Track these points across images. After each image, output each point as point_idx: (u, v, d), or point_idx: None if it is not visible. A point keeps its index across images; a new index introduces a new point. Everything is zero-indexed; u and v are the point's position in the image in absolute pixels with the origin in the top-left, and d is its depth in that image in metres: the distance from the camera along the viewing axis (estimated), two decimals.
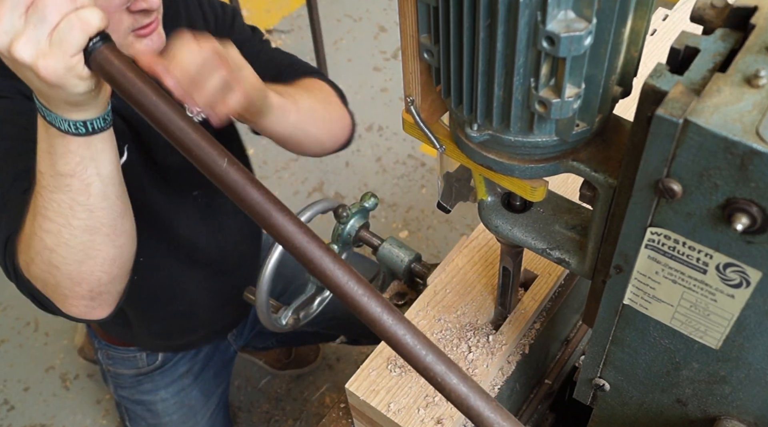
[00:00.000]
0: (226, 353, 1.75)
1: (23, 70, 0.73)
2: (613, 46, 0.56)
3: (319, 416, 2.15)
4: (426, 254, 2.53)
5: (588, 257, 0.74)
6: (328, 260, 0.61)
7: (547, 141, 0.63)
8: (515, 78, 0.57)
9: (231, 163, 0.62)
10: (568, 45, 0.52)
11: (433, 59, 0.65)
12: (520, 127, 0.63)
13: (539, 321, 1.04)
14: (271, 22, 3.48)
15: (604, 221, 0.68)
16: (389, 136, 2.93)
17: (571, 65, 0.55)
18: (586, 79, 0.57)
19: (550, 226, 0.79)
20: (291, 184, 2.78)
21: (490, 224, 0.81)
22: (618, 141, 0.66)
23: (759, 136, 0.47)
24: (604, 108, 0.61)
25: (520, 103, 0.60)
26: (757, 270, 0.55)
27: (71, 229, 0.88)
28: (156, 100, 0.65)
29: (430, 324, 1.01)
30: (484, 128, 0.64)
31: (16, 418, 2.22)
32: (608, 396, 0.82)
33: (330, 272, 0.61)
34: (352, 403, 1.00)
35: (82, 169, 0.83)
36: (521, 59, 0.56)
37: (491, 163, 0.68)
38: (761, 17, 0.54)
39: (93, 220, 0.88)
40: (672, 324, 0.66)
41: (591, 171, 0.65)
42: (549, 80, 0.57)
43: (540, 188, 0.69)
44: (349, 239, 1.24)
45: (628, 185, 0.59)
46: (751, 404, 0.70)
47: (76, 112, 0.79)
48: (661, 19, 1.48)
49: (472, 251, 1.10)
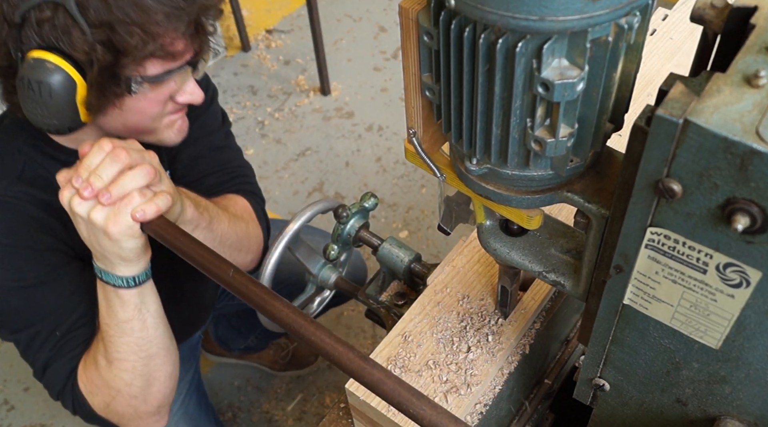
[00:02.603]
0: (192, 339, 1.75)
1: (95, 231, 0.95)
2: (604, 90, 0.59)
3: (319, 416, 2.15)
4: (426, 254, 2.53)
5: (582, 281, 0.77)
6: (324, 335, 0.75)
7: (543, 175, 0.67)
8: (512, 119, 0.60)
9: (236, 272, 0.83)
10: (562, 91, 0.55)
11: (434, 97, 0.68)
12: (517, 163, 0.66)
13: (539, 321, 1.04)
14: (271, 22, 3.48)
15: (598, 248, 0.70)
16: (389, 136, 2.93)
17: (564, 108, 0.58)
18: (579, 119, 0.60)
19: (546, 249, 0.82)
20: (291, 185, 2.78)
21: (489, 246, 0.84)
22: (610, 173, 0.69)
23: (759, 136, 0.47)
24: (596, 144, 0.65)
25: (516, 141, 0.63)
26: (757, 270, 0.55)
27: (140, 361, 1.09)
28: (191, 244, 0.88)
29: (430, 324, 1.01)
30: (482, 162, 0.68)
31: (16, 418, 2.22)
32: (608, 396, 0.82)
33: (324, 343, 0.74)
34: (351, 403, 1.00)
35: (138, 313, 1.05)
36: (518, 102, 0.59)
37: (490, 193, 0.71)
38: (761, 17, 0.54)
39: (153, 348, 1.10)
40: (672, 324, 0.66)
41: (584, 202, 0.68)
42: (544, 121, 0.61)
43: (536, 217, 0.73)
44: (348, 239, 1.24)
45: (626, 189, 0.59)
46: (751, 404, 0.70)
47: (127, 269, 1.01)
48: (660, 19, 1.48)
49: (472, 251, 1.10)
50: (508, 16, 0.52)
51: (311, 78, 3.17)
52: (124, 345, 1.07)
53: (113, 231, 0.93)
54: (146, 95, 1.04)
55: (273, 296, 0.80)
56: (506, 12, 0.52)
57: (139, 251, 0.99)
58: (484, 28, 0.56)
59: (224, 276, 0.83)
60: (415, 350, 0.99)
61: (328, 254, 1.24)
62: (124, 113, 1.05)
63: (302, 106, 3.07)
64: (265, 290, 0.81)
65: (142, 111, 1.06)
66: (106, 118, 1.06)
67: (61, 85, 0.95)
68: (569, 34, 0.53)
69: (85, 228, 0.96)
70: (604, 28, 0.54)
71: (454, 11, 0.57)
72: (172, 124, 1.14)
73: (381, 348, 1.00)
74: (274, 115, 3.05)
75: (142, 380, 1.11)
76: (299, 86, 3.16)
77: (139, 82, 1.01)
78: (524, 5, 0.51)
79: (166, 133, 1.14)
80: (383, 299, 1.22)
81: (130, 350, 1.08)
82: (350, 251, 1.32)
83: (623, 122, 0.66)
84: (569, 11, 0.51)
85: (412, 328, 1.01)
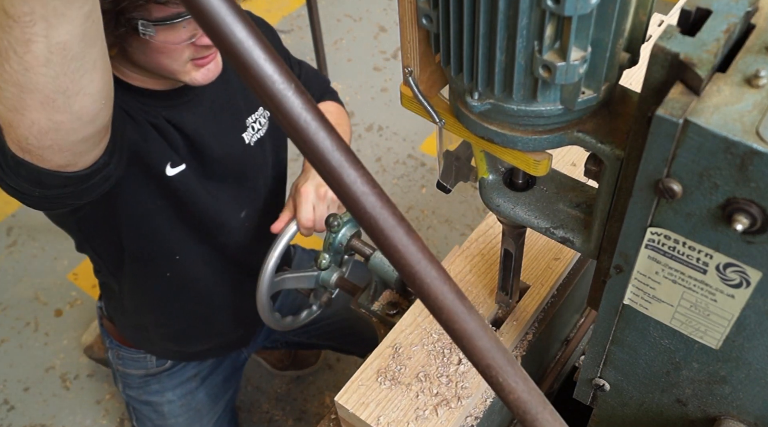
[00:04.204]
0: (237, 359, 1.76)
1: None
2: (621, 7, 0.53)
3: (319, 416, 2.15)
4: None
5: (593, 236, 0.72)
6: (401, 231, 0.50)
7: (552, 110, 0.60)
8: (518, 41, 0.54)
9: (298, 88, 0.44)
10: (575, 2, 0.49)
11: (431, 25, 0.61)
12: (522, 95, 0.59)
13: (531, 332, 1.03)
14: (271, 22, 3.48)
15: (611, 196, 0.65)
16: (389, 136, 2.93)
17: (577, 26, 0.52)
18: (592, 42, 0.54)
19: (554, 204, 0.77)
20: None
21: (492, 202, 0.78)
22: (625, 112, 0.63)
23: (759, 136, 0.47)
24: (610, 75, 0.59)
25: (523, 68, 0.57)
26: (757, 270, 0.55)
27: (2, 73, 0.79)
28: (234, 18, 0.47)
29: (421, 335, 1.00)
30: (485, 97, 0.62)
31: (16, 418, 2.22)
32: (608, 396, 0.82)
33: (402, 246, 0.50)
34: (341, 415, 0.99)
35: (29, 21, 0.74)
36: (524, 20, 0.53)
37: (493, 135, 0.65)
38: (761, 17, 0.54)
39: (26, 79, 0.79)
40: (672, 324, 0.66)
41: (597, 142, 0.63)
42: (554, 43, 0.54)
43: (543, 162, 0.66)
44: (340, 248, 1.23)
45: (628, 185, 0.58)
46: (751, 404, 0.70)
47: None
48: (656, 24, 1.48)
49: (465, 260, 1.09)
50: None
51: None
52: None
53: None
54: (156, 38, 1.05)
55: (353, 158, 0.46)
56: None
57: None
58: None
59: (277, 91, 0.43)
60: (405, 362, 0.98)
61: (319, 264, 1.24)
62: (138, 53, 1.08)
63: None
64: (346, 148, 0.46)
65: (157, 52, 1.08)
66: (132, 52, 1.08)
67: None
68: None
69: None
70: None
71: None
72: (198, 67, 1.14)
73: (371, 360, 0.99)
74: None
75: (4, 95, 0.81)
76: None
77: (146, 26, 1.01)
78: None
79: (191, 76, 1.14)
80: (375, 308, 1.21)
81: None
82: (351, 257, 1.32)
83: (639, 54, 0.60)
84: None
85: (403, 339, 1.00)
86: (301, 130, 0.45)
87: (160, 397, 1.65)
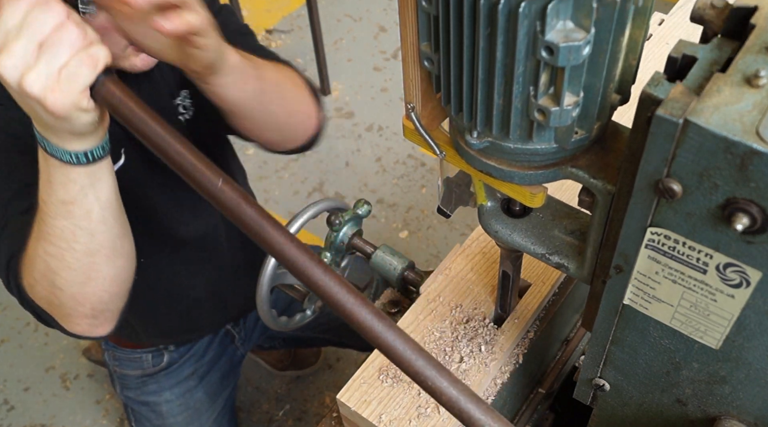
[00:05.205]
0: (234, 356, 1.75)
1: (30, 103, 0.74)
2: (611, 55, 0.56)
3: (319, 416, 2.15)
4: (426, 254, 2.53)
5: (587, 262, 0.75)
6: (319, 270, 0.63)
7: (546, 148, 0.64)
8: (515, 86, 0.58)
9: (225, 182, 0.65)
10: (567, 55, 0.52)
11: (433, 67, 0.65)
12: (519, 135, 0.63)
13: (533, 330, 1.03)
14: (271, 22, 3.48)
15: (603, 227, 0.68)
16: (389, 136, 2.93)
17: (569, 74, 0.55)
18: (584, 87, 0.58)
19: (549, 231, 0.80)
20: (291, 184, 2.78)
21: (490, 228, 0.82)
22: (616, 148, 0.66)
23: (759, 136, 0.47)
24: (602, 115, 0.62)
25: (519, 111, 0.60)
26: (757, 270, 0.55)
27: (73, 252, 0.90)
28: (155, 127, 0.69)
29: (422, 334, 1.00)
30: (483, 136, 0.65)
31: (16, 418, 2.22)
32: (608, 396, 0.82)
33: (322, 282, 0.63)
34: (343, 413, 0.99)
35: (83, 196, 0.85)
36: (521, 68, 0.56)
37: (491, 169, 0.68)
38: (761, 17, 0.54)
39: (94, 243, 0.90)
40: (672, 324, 0.66)
41: (590, 178, 0.66)
42: (548, 89, 0.58)
43: (539, 195, 0.70)
44: (342, 246, 1.23)
45: (627, 188, 0.59)
46: (751, 404, 0.70)
47: (77, 143, 0.80)
48: (657, 23, 1.48)
49: (466, 259, 1.09)
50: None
51: (311, 78, 3.17)
52: (57, 229, 0.88)
53: (55, 108, 0.72)
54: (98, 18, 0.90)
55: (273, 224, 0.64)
56: None
57: (94, 123, 0.79)
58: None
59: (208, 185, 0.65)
60: None
61: None
62: None
63: None
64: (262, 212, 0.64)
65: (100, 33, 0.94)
66: None
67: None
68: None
69: (18, 99, 0.76)
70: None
71: None
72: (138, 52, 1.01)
73: (373, 358, 0.98)
74: None
75: (71, 274, 0.92)
76: None
77: (87, 3, 0.87)
78: None
79: (131, 61, 1.02)
80: (376, 306, 1.21)
81: (62, 237, 0.89)
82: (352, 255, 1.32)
83: (630, 94, 0.63)
84: None
85: None
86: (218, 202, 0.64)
87: (158, 397, 1.64)
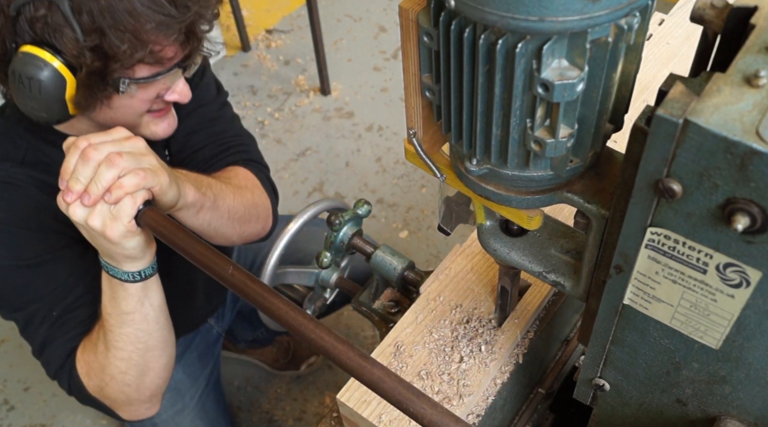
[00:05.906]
0: (209, 335, 1.76)
1: (93, 234, 0.95)
2: (604, 90, 0.59)
3: (320, 416, 2.15)
4: (426, 254, 2.53)
5: (582, 281, 0.77)
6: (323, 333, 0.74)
7: (543, 175, 0.67)
8: (512, 119, 0.60)
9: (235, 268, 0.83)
10: (562, 91, 0.55)
11: (434, 97, 0.68)
12: (516, 163, 0.66)
13: (533, 330, 1.03)
14: (271, 22, 3.48)
15: (597, 249, 0.70)
16: (389, 136, 2.93)
17: (564, 109, 0.58)
18: (579, 119, 0.60)
19: (546, 249, 0.82)
20: (291, 184, 2.78)
21: (489, 247, 0.84)
22: (610, 173, 0.69)
23: (759, 136, 0.47)
24: (596, 144, 0.65)
25: (516, 141, 0.63)
26: (757, 270, 0.55)
27: (137, 352, 1.10)
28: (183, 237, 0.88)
29: (422, 334, 1.00)
30: (482, 163, 0.68)
31: (16, 418, 2.22)
32: (608, 396, 0.82)
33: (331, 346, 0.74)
34: (343, 413, 0.99)
35: (140, 305, 1.06)
36: (518, 102, 0.59)
37: (490, 193, 0.71)
38: (761, 17, 0.54)
39: (152, 340, 1.11)
40: (672, 324, 0.66)
41: (584, 202, 0.68)
42: (544, 121, 0.61)
43: (536, 217, 0.73)
44: (342, 246, 1.23)
45: (626, 189, 0.59)
46: (751, 404, 0.70)
47: (131, 265, 1.01)
48: (657, 23, 1.48)
49: (466, 258, 1.09)
50: (508, 16, 0.52)
51: (311, 78, 3.17)
52: (124, 335, 1.08)
53: (112, 236, 0.93)
54: (134, 95, 1.06)
55: (272, 293, 0.80)
56: (506, 13, 0.52)
57: (142, 247, 0.99)
58: (484, 29, 0.56)
59: (223, 273, 0.82)
60: (407, 361, 0.98)
61: (321, 262, 1.23)
62: (111, 110, 1.08)
63: (302, 106, 3.07)
64: (265, 287, 0.81)
65: (130, 108, 1.08)
66: (95, 112, 1.08)
67: (51, 81, 0.96)
68: (569, 34, 0.53)
69: (86, 233, 0.97)
70: (604, 29, 0.54)
71: (454, 12, 0.57)
72: (158, 120, 1.15)
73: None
74: (274, 115, 3.05)
75: (137, 369, 1.13)
76: (299, 86, 3.16)
77: (127, 84, 1.02)
78: (524, 6, 0.51)
79: (151, 129, 1.15)
80: (376, 306, 1.21)
81: (129, 341, 1.09)
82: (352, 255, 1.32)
83: (623, 123, 0.66)
84: (569, 12, 0.51)
85: (405, 337, 1.00)
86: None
87: None
